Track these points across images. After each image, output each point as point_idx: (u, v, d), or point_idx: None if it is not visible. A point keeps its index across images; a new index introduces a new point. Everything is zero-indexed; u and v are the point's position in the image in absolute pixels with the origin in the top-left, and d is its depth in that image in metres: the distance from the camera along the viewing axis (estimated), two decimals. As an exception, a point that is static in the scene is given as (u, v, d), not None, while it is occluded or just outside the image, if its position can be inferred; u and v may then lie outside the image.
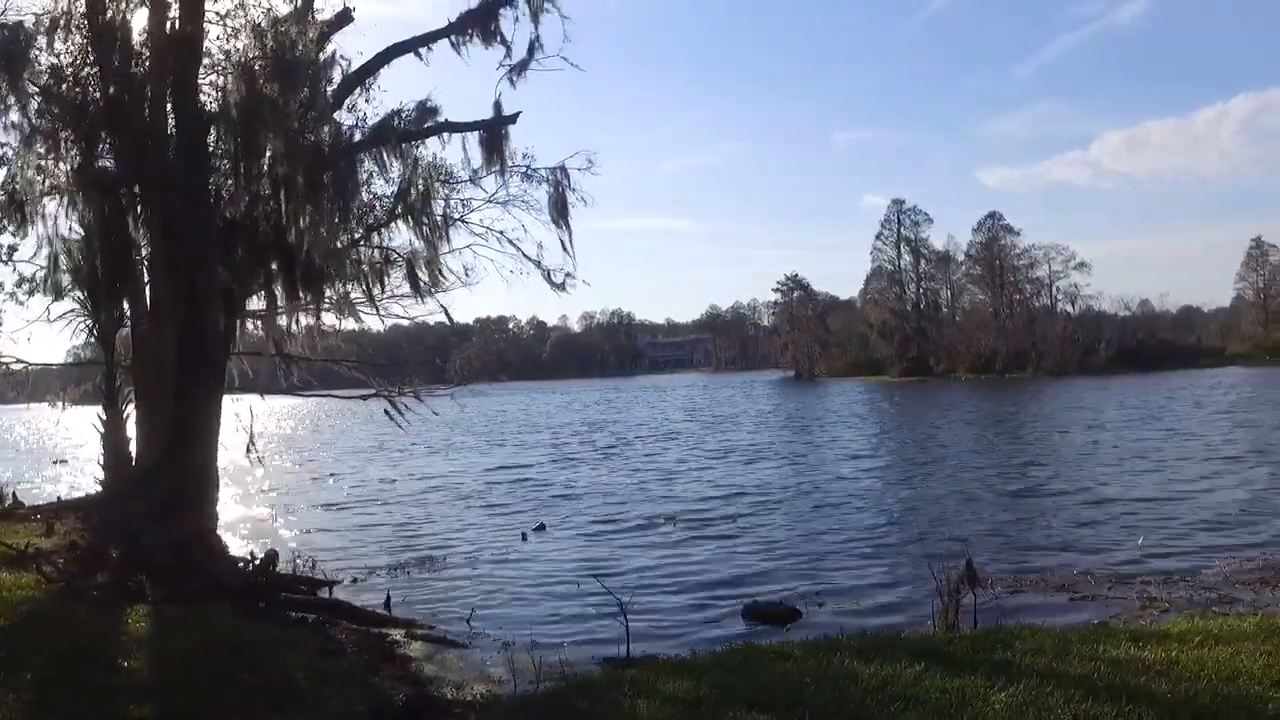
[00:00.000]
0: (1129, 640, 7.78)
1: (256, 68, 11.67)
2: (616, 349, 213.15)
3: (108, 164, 14.28)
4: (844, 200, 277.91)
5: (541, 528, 19.07)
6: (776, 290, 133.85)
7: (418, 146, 15.20)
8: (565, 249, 16.21)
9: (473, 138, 15.22)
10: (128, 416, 17.84)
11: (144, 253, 15.29)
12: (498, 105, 14.74)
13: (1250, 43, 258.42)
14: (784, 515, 19.40)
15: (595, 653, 10.02)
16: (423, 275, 16.47)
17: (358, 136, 14.20)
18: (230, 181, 13.17)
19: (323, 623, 11.40)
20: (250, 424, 17.15)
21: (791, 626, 11.18)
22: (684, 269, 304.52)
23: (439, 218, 16.16)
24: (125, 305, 16.74)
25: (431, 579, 14.65)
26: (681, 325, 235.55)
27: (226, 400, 14.43)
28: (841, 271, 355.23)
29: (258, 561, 13.05)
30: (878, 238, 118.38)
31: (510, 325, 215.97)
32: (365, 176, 15.04)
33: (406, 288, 16.64)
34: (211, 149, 13.24)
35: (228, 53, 15.72)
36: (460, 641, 10.90)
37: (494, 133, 15.07)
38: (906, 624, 10.42)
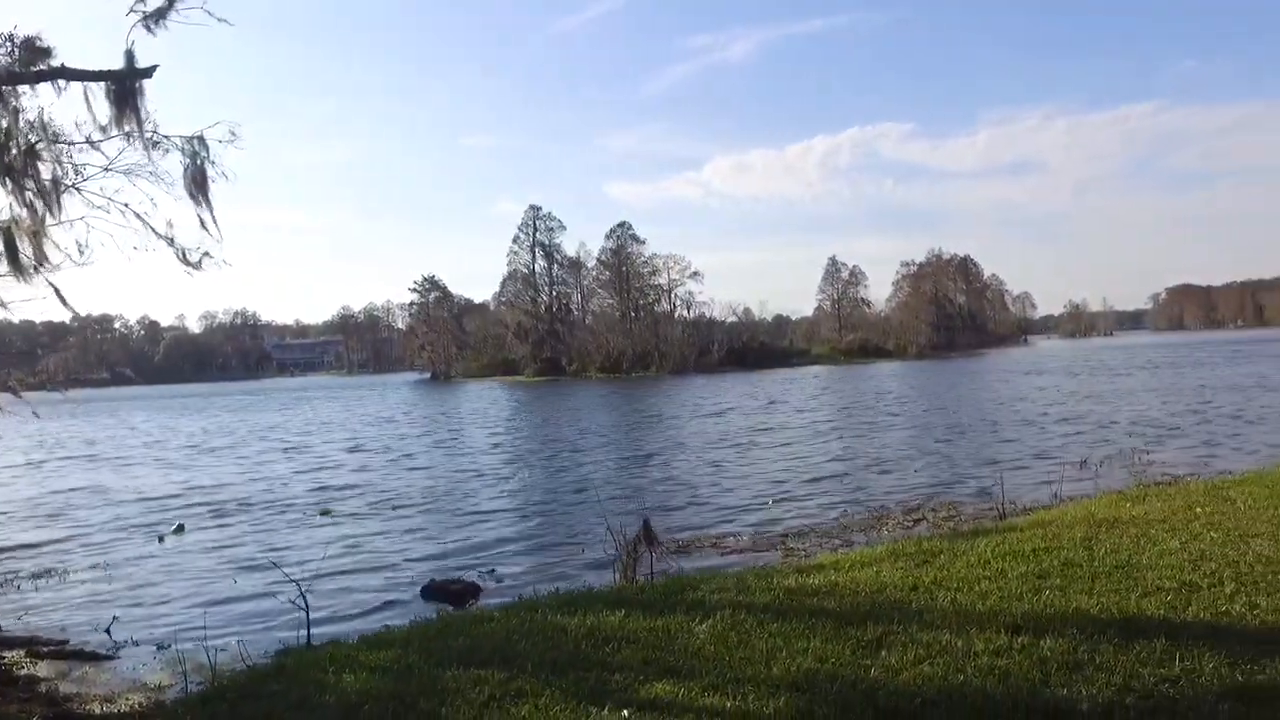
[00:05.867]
0: (795, 573, 8.74)
1: None
2: (240, 351, 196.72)
3: None
4: (478, 204, 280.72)
5: (181, 529, 17.10)
6: (413, 291, 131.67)
7: (19, 95, 12.88)
8: (205, 226, 14.61)
9: (98, 90, 13.19)
10: None
11: None
12: (130, 55, 12.84)
13: (828, 92, 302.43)
14: (440, 505, 19.11)
15: (270, 645, 9.17)
16: (25, 249, 13.97)
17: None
18: None
19: (-106, 655, 9.27)
20: None
21: (473, 602, 11.05)
22: (315, 268, 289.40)
23: (48, 181, 13.85)
24: None
25: (52, 592, 12.54)
26: (312, 326, 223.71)
27: None
28: (478, 273, 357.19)
29: None
30: (514, 241, 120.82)
31: (117, 324, 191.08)
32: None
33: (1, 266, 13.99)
34: None
35: None
36: (102, 653, 9.45)
37: (125, 86, 13.12)
38: (586, 585, 10.71)
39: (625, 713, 5.37)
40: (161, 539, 16.29)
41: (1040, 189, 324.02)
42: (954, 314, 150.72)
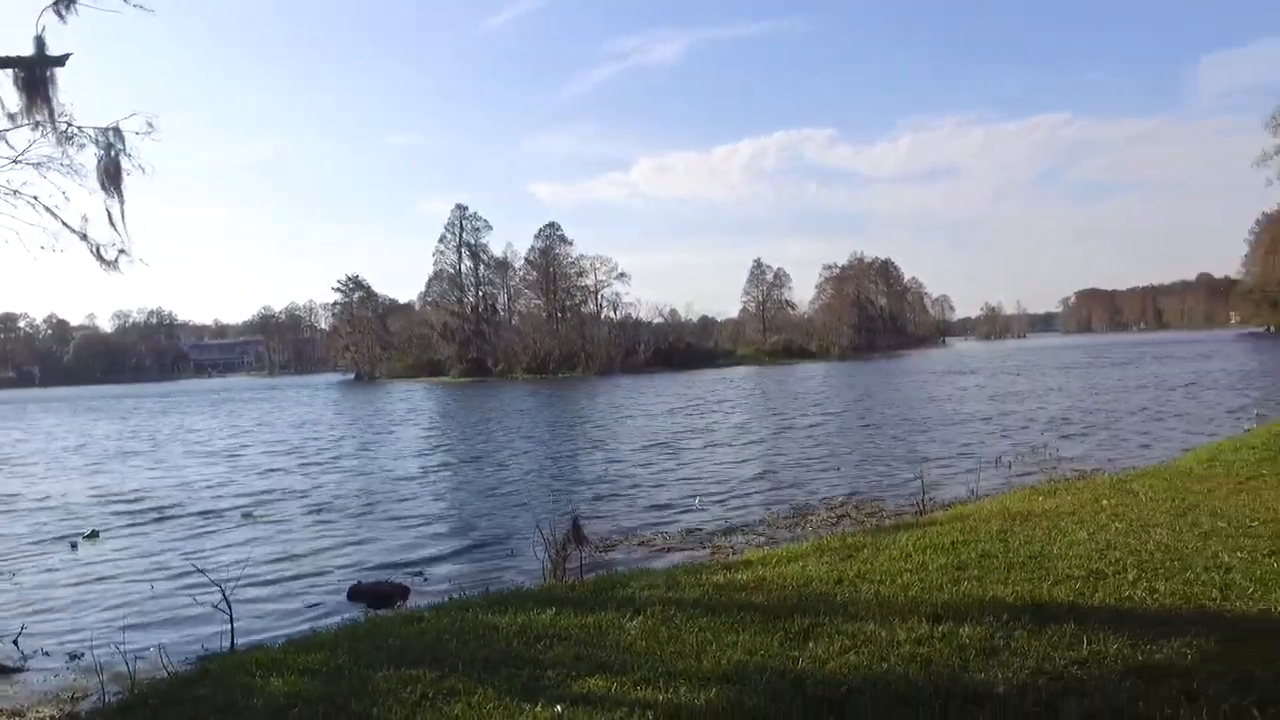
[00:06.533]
0: (723, 569, 8.90)
1: None
2: (156, 351, 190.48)
3: None
4: (404, 203, 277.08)
5: (95, 534, 16.50)
6: (337, 290, 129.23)
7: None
8: (112, 221, 14.14)
9: (5, 79, 12.66)
10: None
11: None
12: (40, 41, 12.38)
13: (754, 96, 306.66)
14: (367, 508, 18.81)
15: (193, 652, 8.96)
16: (-80, 243, 13.34)
17: None
18: None
19: None
20: None
21: (402, 604, 10.95)
22: (235, 266, 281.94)
23: (-54, 173, 13.23)
24: None
25: (-51, 602, 11.98)
26: (231, 326, 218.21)
27: None
28: (403, 273, 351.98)
29: None
30: (440, 241, 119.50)
31: (22, 323, 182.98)
32: None
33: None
34: None
35: None
36: (9, 665, 9.07)
37: (35, 74, 12.63)
38: (516, 584, 10.71)
39: (558, 708, 5.42)
40: (75, 546, 15.69)
41: (958, 195, 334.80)
42: (875, 316, 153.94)
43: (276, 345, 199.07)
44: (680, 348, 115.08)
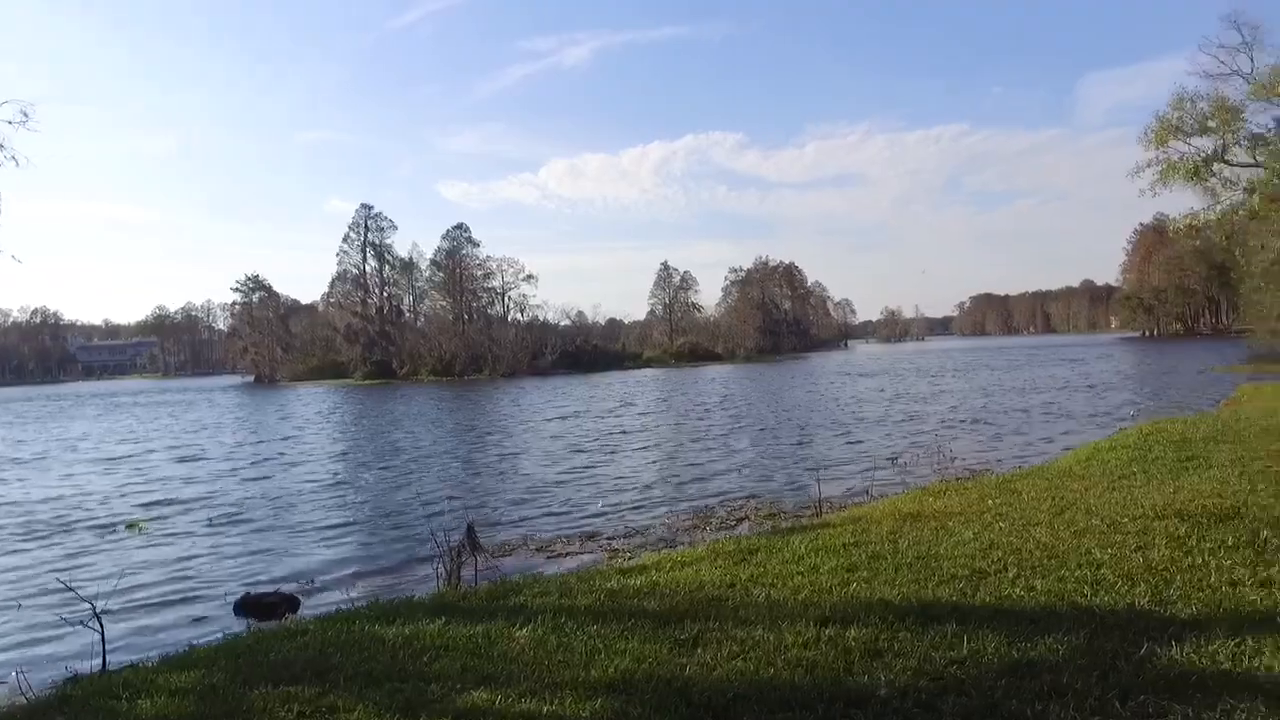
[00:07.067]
0: (618, 574, 8.87)
1: None
2: (39, 352, 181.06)
3: None
4: (307, 202, 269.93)
5: (-43, 549, 15.51)
6: (236, 290, 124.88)
7: None
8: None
9: None
10: None
11: None
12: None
13: (664, 99, 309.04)
14: (261, 517, 18.15)
15: (59, 675, 8.44)
16: None
17: None
18: None
19: None
20: None
21: (290, 616, 10.57)
22: (127, 265, 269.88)
23: None
24: None
25: None
26: (123, 327, 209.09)
27: None
28: (307, 273, 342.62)
29: None
30: (344, 240, 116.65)
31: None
32: None
33: None
34: None
35: None
36: None
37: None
38: (410, 593, 10.46)
39: (441, 723, 5.28)
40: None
41: (861, 201, 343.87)
42: (780, 319, 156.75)
43: (172, 346, 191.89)
44: (588, 350, 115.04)
